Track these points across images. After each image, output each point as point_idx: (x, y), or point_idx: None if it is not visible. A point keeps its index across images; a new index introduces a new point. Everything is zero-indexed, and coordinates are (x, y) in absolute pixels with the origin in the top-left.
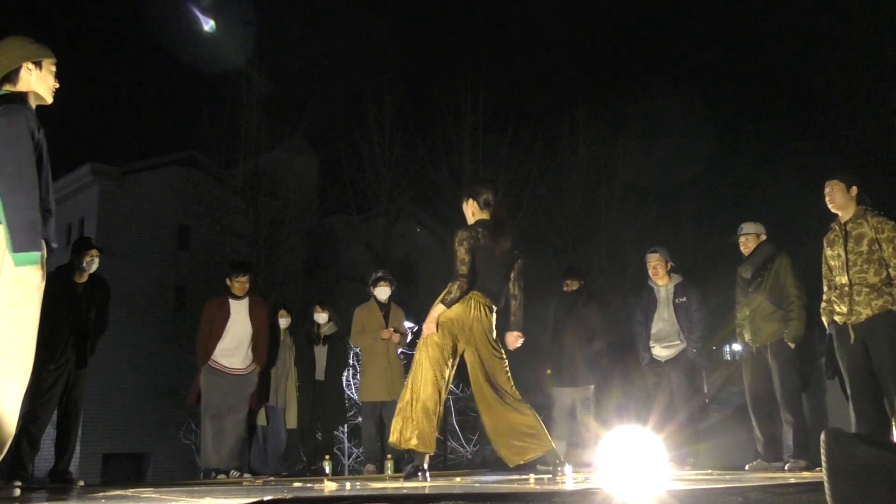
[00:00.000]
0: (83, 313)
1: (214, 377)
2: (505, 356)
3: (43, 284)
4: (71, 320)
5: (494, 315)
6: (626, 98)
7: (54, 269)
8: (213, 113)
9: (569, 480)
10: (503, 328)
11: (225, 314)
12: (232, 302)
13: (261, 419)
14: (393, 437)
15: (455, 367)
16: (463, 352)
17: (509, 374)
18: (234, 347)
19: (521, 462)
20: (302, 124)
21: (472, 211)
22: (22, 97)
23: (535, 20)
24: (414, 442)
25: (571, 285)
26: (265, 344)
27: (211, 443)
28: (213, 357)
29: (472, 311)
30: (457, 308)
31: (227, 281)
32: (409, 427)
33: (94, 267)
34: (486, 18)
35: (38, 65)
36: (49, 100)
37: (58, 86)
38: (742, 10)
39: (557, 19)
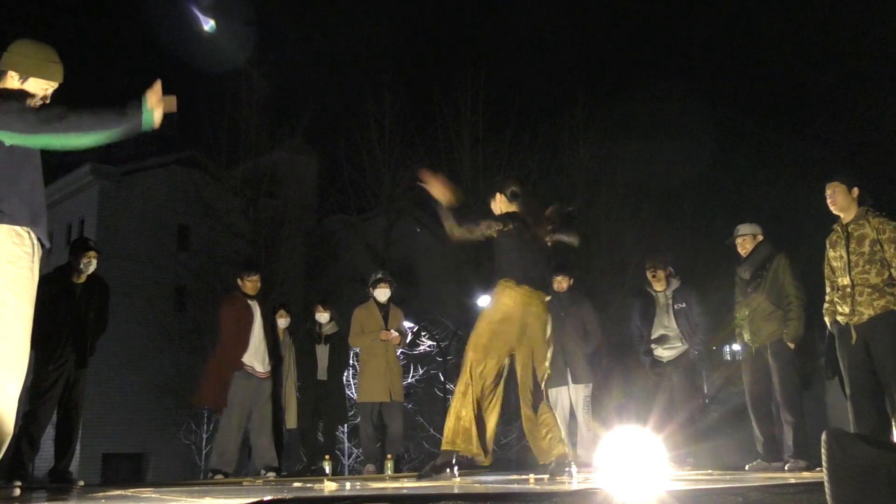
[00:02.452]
0: (82, 314)
1: (246, 380)
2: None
3: (36, 266)
4: (70, 321)
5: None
6: (626, 98)
7: (53, 270)
8: (213, 113)
9: (571, 482)
10: None
11: (249, 316)
12: (251, 303)
13: None
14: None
15: (499, 367)
16: (513, 351)
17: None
18: (258, 350)
19: (543, 462)
20: (302, 124)
21: (500, 206)
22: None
23: (535, 20)
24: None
25: (562, 283)
26: (274, 345)
27: (231, 446)
28: (244, 360)
29: (527, 307)
30: (511, 301)
31: (239, 281)
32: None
33: (92, 268)
34: (486, 18)
35: (22, 78)
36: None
37: (46, 101)
38: (742, 10)
39: (557, 19)
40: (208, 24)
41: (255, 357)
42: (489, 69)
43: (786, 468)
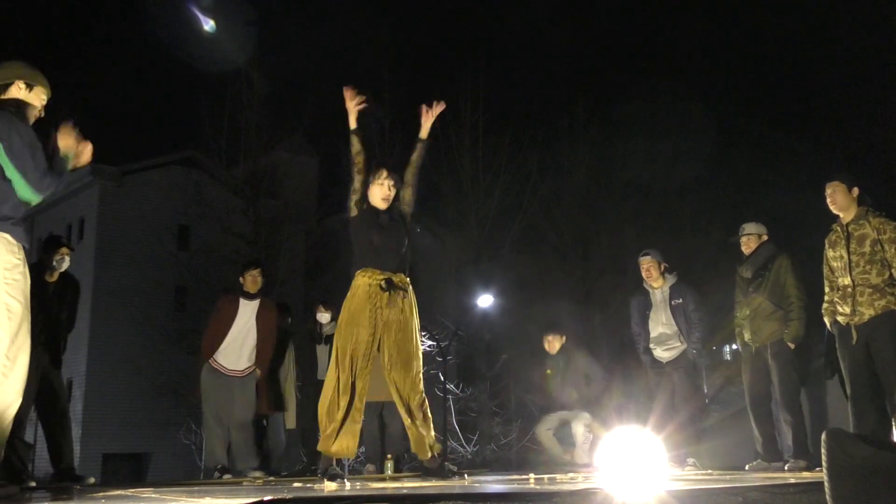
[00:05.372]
0: (54, 313)
1: (213, 376)
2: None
3: (27, 271)
4: (42, 320)
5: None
6: (626, 98)
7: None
8: (213, 113)
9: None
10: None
11: (232, 313)
12: (242, 301)
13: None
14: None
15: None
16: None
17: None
18: (233, 347)
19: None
20: (302, 124)
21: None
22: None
23: (535, 20)
24: None
25: (553, 343)
26: (269, 348)
27: (213, 441)
28: (214, 356)
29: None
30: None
31: (241, 279)
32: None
33: (66, 265)
34: (486, 18)
35: (29, 87)
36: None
37: (42, 115)
38: (742, 10)
39: (557, 20)
40: (208, 24)
41: (227, 354)
42: (489, 69)
43: (786, 468)
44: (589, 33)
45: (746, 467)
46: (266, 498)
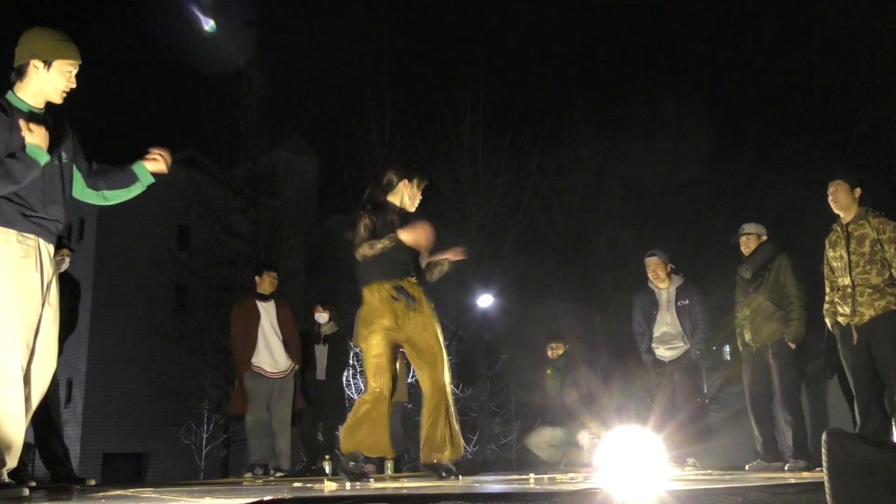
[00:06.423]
0: None
1: (258, 381)
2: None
3: (29, 264)
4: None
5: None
6: (626, 98)
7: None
8: (213, 113)
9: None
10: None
11: (254, 317)
12: (259, 304)
13: None
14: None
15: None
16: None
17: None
18: (266, 350)
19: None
20: (302, 124)
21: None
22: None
23: (535, 21)
24: None
25: (557, 349)
26: (298, 343)
27: (258, 442)
28: (253, 361)
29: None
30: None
31: (257, 278)
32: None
33: (65, 266)
34: (486, 19)
35: (47, 64)
36: (56, 100)
37: (73, 86)
38: (742, 9)
39: (557, 20)
40: (208, 24)
41: (264, 357)
42: (489, 69)
43: (786, 468)
44: (589, 34)
45: (746, 467)
46: (266, 498)
